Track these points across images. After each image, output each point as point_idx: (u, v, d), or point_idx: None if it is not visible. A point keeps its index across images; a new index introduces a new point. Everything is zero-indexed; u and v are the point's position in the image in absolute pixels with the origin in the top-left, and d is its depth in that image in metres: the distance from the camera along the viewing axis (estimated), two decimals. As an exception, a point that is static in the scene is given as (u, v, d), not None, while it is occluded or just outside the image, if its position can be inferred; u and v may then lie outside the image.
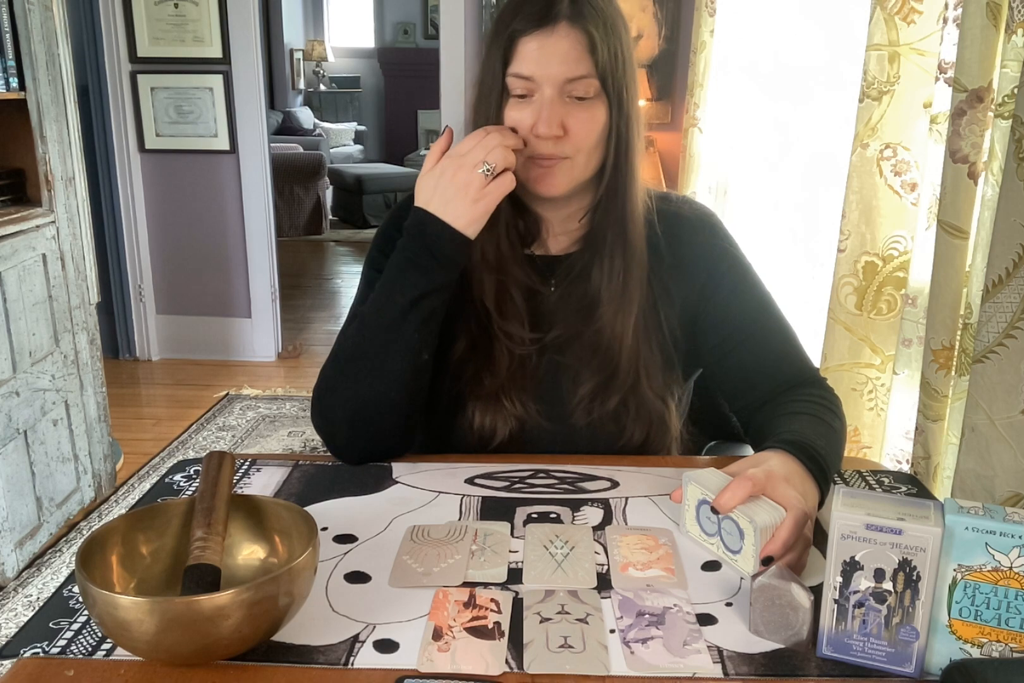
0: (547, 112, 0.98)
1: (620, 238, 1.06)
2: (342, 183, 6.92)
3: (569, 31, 0.97)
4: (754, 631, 0.73)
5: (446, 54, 3.43)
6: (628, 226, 1.06)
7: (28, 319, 2.09)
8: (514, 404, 1.07)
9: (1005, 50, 1.10)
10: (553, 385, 1.09)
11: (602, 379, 1.07)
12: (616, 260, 1.06)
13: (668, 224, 1.10)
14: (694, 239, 1.11)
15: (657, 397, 1.08)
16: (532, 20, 0.98)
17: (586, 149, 1.01)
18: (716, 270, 1.10)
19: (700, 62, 2.49)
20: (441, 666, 0.68)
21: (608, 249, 1.07)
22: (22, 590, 2.07)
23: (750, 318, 1.10)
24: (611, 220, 1.06)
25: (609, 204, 1.06)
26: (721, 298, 1.10)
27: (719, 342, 1.10)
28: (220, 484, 0.78)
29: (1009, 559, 0.63)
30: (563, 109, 0.98)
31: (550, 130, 0.98)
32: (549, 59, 0.97)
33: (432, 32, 8.36)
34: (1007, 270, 1.00)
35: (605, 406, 1.07)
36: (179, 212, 3.68)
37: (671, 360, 1.11)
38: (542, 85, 0.98)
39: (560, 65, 0.97)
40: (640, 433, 1.08)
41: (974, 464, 1.07)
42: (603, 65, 0.98)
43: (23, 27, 2.09)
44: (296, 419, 3.20)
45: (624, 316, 1.07)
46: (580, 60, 0.97)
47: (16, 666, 0.69)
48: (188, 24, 3.45)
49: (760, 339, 1.10)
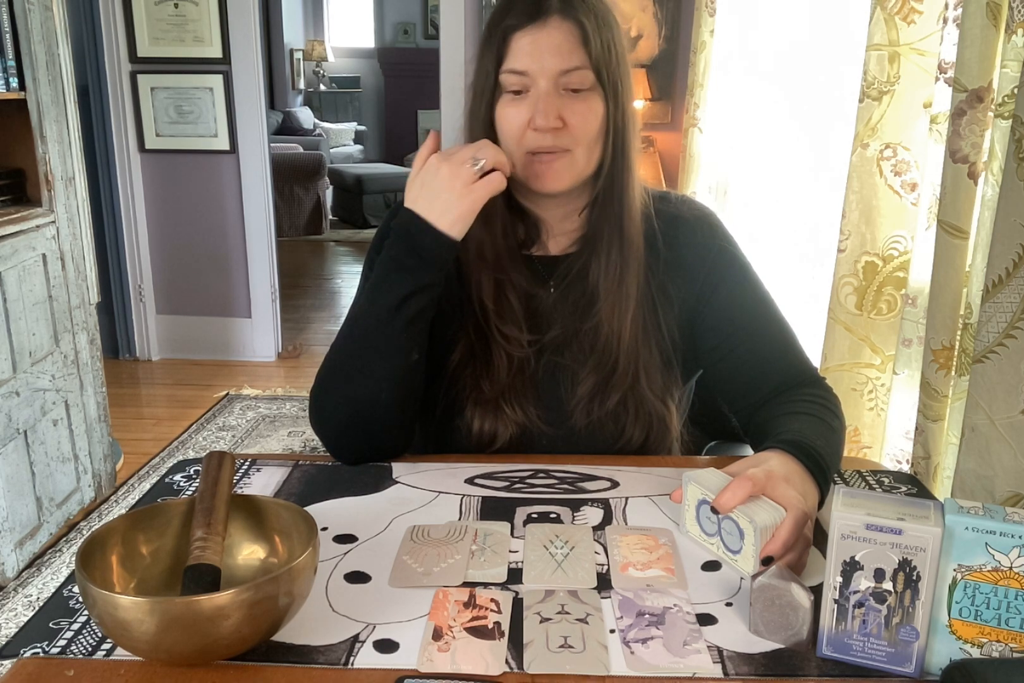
0: (543, 104, 0.98)
1: (617, 233, 1.06)
2: (342, 183, 6.92)
3: (561, 23, 0.98)
4: (754, 631, 0.73)
5: (446, 54, 3.43)
6: (625, 221, 1.06)
7: (28, 319, 2.09)
8: (514, 410, 1.06)
9: (1005, 50, 1.09)
10: (552, 387, 1.09)
11: (600, 378, 1.07)
12: (613, 255, 1.06)
13: (667, 224, 1.10)
14: (693, 239, 1.11)
15: (656, 398, 1.08)
16: (523, 16, 0.98)
17: (585, 141, 1.01)
18: (715, 270, 1.10)
19: (700, 62, 2.49)
20: (441, 666, 0.68)
21: (605, 245, 1.06)
22: (22, 590, 2.07)
23: (749, 318, 1.10)
24: (608, 215, 1.06)
25: (606, 199, 1.06)
26: (720, 299, 1.10)
27: (719, 343, 1.10)
28: (220, 484, 0.78)
29: (1009, 559, 0.63)
30: (559, 102, 0.98)
31: (548, 122, 0.97)
32: (542, 52, 0.97)
33: (432, 32, 8.36)
34: (1007, 270, 1.00)
35: (604, 406, 1.07)
36: (179, 212, 3.68)
37: (670, 360, 1.11)
38: (537, 79, 0.98)
39: (554, 57, 0.97)
40: (640, 434, 1.08)
41: (974, 464, 1.07)
42: (597, 57, 0.98)
43: (23, 27, 2.09)
44: (296, 419, 3.20)
45: (621, 312, 1.06)
46: (573, 52, 0.98)
47: (16, 666, 0.69)
48: (188, 24, 3.45)
49: (759, 340, 1.10)
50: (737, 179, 2.55)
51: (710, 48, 2.45)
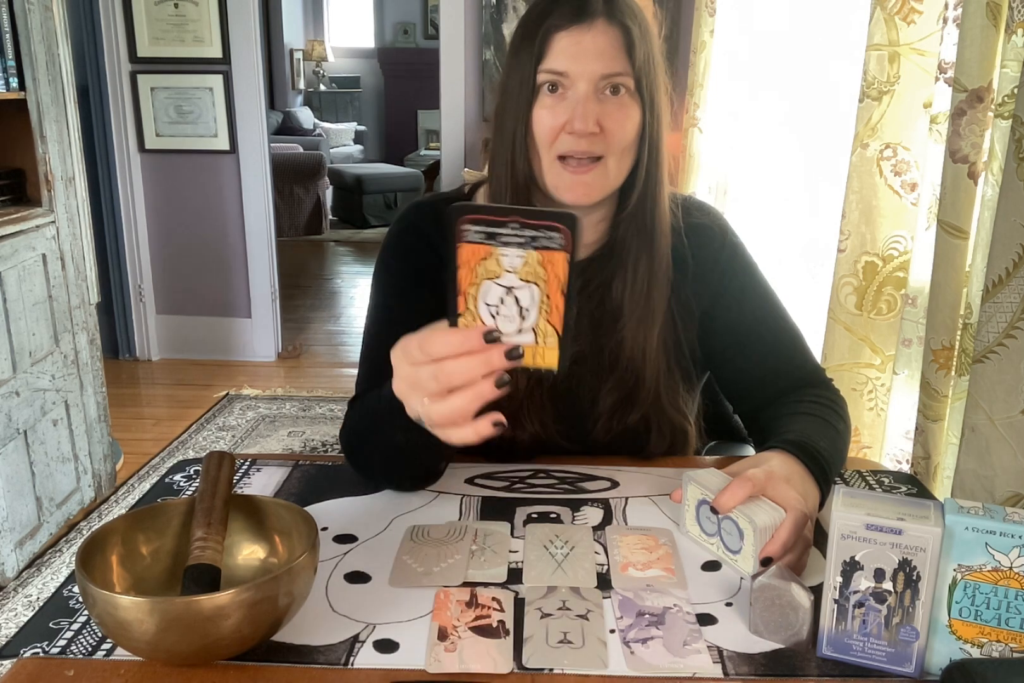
0: (582, 108, 0.95)
1: (647, 249, 1.03)
2: (342, 183, 6.92)
3: (607, 28, 0.96)
4: (754, 631, 0.73)
5: (446, 54, 3.44)
6: (656, 236, 1.03)
7: (28, 319, 2.09)
8: (534, 424, 1.05)
9: (1005, 50, 1.09)
10: (572, 402, 1.07)
11: (622, 395, 1.05)
12: (640, 270, 1.03)
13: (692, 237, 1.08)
14: (709, 245, 1.10)
15: (678, 412, 1.07)
16: (567, 16, 0.96)
17: (619, 149, 0.98)
18: (726, 273, 1.09)
19: (700, 62, 2.49)
20: (449, 666, 0.68)
21: (633, 259, 1.04)
22: (22, 590, 2.07)
23: (758, 320, 1.10)
24: (639, 230, 1.03)
25: (638, 213, 1.03)
26: (730, 301, 1.09)
27: (727, 345, 1.10)
28: (220, 484, 0.78)
29: (1009, 559, 0.63)
30: (598, 106, 0.96)
31: (586, 126, 0.95)
32: (586, 54, 0.95)
33: (432, 32, 8.36)
34: (1007, 270, 1.00)
35: (625, 422, 1.05)
36: (179, 212, 3.68)
37: (689, 374, 1.10)
38: (576, 81, 0.96)
39: (596, 61, 0.95)
40: (661, 448, 1.07)
41: (974, 464, 1.07)
42: (639, 66, 0.96)
43: (23, 27, 2.09)
44: (296, 419, 3.20)
45: (647, 329, 1.04)
46: (616, 57, 0.96)
47: (16, 666, 0.69)
48: (188, 24, 3.45)
49: (767, 341, 1.09)
50: (737, 179, 2.55)
51: (710, 48, 2.45)
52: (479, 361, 0.66)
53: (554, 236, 0.63)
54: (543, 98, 0.98)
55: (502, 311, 0.66)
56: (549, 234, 0.63)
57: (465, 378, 0.67)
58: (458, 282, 0.66)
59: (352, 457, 1.00)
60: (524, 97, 0.98)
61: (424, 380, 0.68)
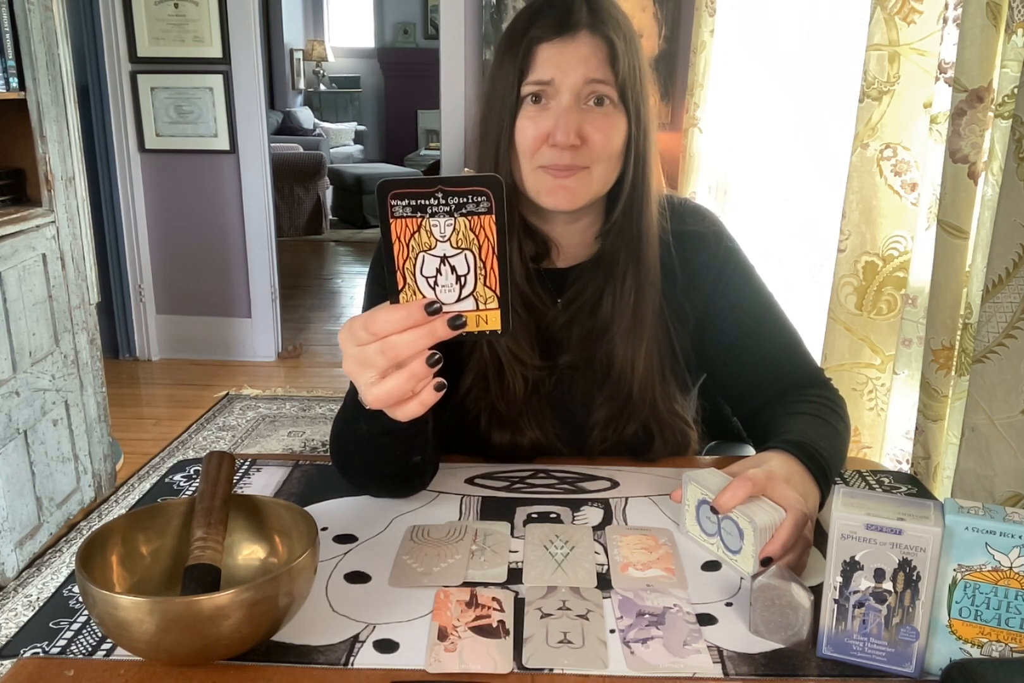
0: (564, 119, 0.94)
1: (634, 260, 1.03)
2: (342, 183, 6.92)
3: (590, 39, 0.95)
4: (754, 631, 0.73)
5: (446, 54, 3.44)
6: (643, 247, 1.03)
7: (28, 319, 2.09)
8: (534, 430, 1.05)
9: (1005, 50, 1.09)
10: (570, 410, 1.07)
11: (615, 406, 1.05)
12: (628, 282, 1.03)
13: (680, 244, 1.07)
14: (704, 251, 1.09)
15: (678, 418, 1.07)
16: (551, 27, 0.95)
17: (604, 159, 0.97)
18: (722, 276, 1.09)
19: (700, 62, 2.49)
20: (449, 666, 0.68)
21: (621, 272, 1.03)
22: (22, 590, 2.07)
23: (755, 322, 1.10)
24: (626, 241, 1.03)
25: (625, 222, 1.03)
26: (727, 303, 1.09)
27: (725, 348, 1.10)
28: (220, 484, 0.78)
29: (1009, 559, 0.63)
30: (580, 116, 0.96)
31: (567, 138, 0.94)
32: (569, 62, 0.95)
33: (432, 32, 8.37)
34: (1007, 270, 1.00)
35: (621, 433, 1.05)
36: (179, 212, 3.68)
37: (685, 382, 1.10)
38: (560, 91, 0.95)
39: (580, 67, 0.95)
40: (664, 454, 1.07)
41: (974, 464, 1.07)
42: (623, 77, 0.96)
43: (23, 27, 2.09)
44: (296, 419, 3.20)
45: (635, 340, 1.03)
46: (600, 67, 0.95)
47: (16, 666, 0.69)
48: (188, 24, 3.45)
49: (765, 343, 1.09)
50: (737, 179, 2.55)
51: (710, 48, 2.45)
52: (423, 332, 0.67)
53: (480, 201, 0.64)
54: (526, 108, 0.97)
55: (440, 281, 0.67)
56: (475, 199, 0.65)
57: (411, 350, 0.68)
58: (394, 258, 0.67)
59: (337, 463, 0.98)
60: (507, 107, 0.98)
61: (372, 357, 0.69)
